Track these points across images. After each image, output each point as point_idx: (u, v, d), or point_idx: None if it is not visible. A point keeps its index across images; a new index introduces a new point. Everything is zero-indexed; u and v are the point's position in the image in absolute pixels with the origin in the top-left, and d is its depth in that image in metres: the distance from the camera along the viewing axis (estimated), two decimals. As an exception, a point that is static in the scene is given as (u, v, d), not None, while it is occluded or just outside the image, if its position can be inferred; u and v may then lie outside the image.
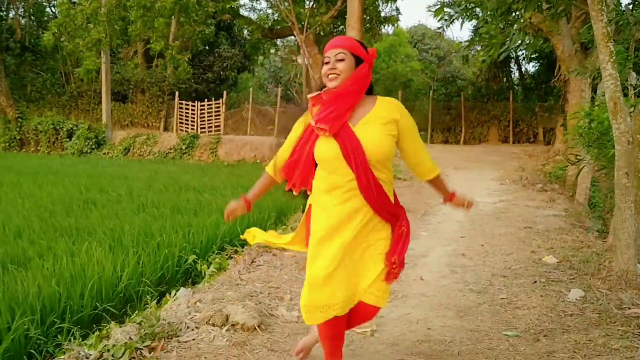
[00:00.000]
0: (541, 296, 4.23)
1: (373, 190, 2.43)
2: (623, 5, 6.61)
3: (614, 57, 4.29)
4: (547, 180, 10.65)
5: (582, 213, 7.65)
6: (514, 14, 8.12)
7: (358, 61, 2.46)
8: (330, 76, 2.43)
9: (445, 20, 11.05)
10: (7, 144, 23.77)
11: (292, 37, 21.83)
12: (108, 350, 3.05)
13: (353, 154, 2.38)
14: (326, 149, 2.43)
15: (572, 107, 9.32)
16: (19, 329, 3.89)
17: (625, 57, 5.15)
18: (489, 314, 3.92)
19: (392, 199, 2.56)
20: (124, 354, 3.01)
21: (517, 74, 25.17)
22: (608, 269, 4.64)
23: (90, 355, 3.01)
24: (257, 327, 3.44)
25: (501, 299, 4.24)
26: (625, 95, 5.44)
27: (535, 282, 4.59)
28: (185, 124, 22.74)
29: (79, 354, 2.99)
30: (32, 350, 3.94)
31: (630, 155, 4.38)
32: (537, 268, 5.00)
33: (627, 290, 4.21)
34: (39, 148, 23.24)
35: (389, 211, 2.53)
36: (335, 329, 2.59)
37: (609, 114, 4.36)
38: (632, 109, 4.96)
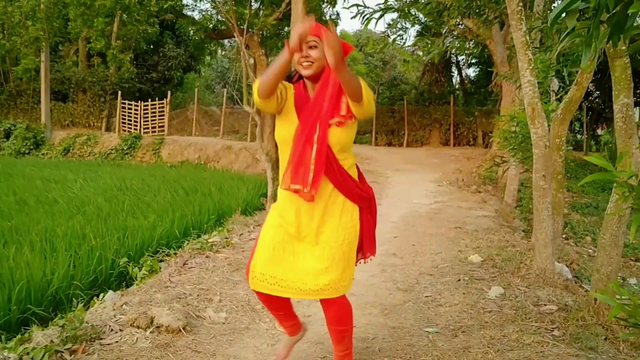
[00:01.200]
0: (463, 294, 4.40)
1: (337, 172, 2.51)
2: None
3: (532, 65, 4.50)
4: (482, 182, 10.99)
5: (510, 214, 7.95)
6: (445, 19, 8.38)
7: None
8: (304, 64, 2.46)
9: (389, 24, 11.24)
10: (-61, 144, 22.80)
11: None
12: (28, 354, 3.02)
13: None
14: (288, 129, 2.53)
15: (504, 112, 9.67)
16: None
17: (547, 64, 5.40)
18: (412, 312, 4.05)
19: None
20: (43, 356, 2.99)
21: (458, 79, 25.82)
22: (528, 267, 4.86)
23: (9, 358, 2.97)
24: (182, 329, 3.46)
25: (425, 296, 4.39)
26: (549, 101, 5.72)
27: (459, 280, 4.77)
28: (128, 124, 22.34)
29: (-3, 357, 2.95)
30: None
31: (548, 158, 4.61)
32: (462, 267, 5.19)
33: (544, 288, 4.42)
34: (-27, 148, 22.40)
35: (357, 193, 2.61)
36: (273, 305, 2.77)
37: (528, 119, 4.58)
38: (552, 114, 5.22)
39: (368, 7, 7.63)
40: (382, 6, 7.65)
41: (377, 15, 7.32)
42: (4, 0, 18.34)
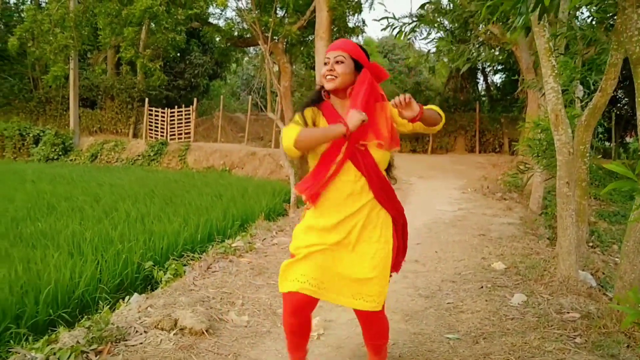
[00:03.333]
0: (486, 301, 4.38)
1: (382, 184, 2.55)
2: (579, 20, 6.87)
3: (556, 71, 4.48)
4: (507, 189, 10.91)
5: (534, 221, 7.88)
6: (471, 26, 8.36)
7: (357, 65, 2.50)
8: (328, 77, 2.48)
9: (410, 35, 11.28)
10: (-28, 150, 23.39)
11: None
12: (54, 354, 3.10)
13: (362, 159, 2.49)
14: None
15: (529, 119, 9.60)
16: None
17: (573, 68, 5.36)
18: (433, 318, 4.05)
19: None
20: (69, 356, 3.06)
21: (483, 85, 25.63)
22: (551, 275, 4.82)
23: (37, 358, 3.05)
24: (205, 332, 3.51)
25: (447, 303, 4.39)
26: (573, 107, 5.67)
27: (482, 287, 4.75)
28: (155, 130, 22.64)
29: (25, 356, 3.03)
30: (-19, 356, 3.95)
31: (572, 165, 4.58)
32: (485, 274, 5.17)
33: (568, 296, 4.38)
34: (4, 154, 22.88)
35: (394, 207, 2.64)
36: (300, 318, 2.64)
37: (551, 125, 4.55)
38: (576, 120, 5.18)
39: (398, 20, 7.68)
40: (411, 17, 7.70)
41: (407, 28, 7.35)
42: (34, 9, 18.74)
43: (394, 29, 7.59)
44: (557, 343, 3.45)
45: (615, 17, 3.79)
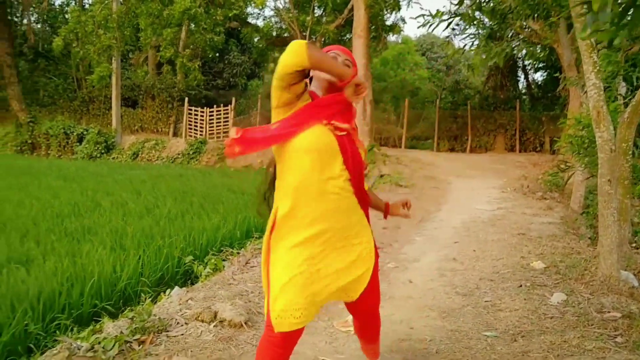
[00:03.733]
0: (524, 299, 4.34)
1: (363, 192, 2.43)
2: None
3: (598, 68, 4.41)
4: (548, 188, 10.72)
5: (576, 220, 7.73)
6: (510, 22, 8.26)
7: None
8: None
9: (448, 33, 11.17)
10: (19, 148, 24.16)
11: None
12: (99, 343, 3.21)
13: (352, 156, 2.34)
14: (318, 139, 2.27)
15: (571, 116, 9.40)
16: (19, 323, 4.06)
17: (616, 63, 5.25)
18: (471, 316, 4.04)
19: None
20: (114, 346, 3.16)
21: (524, 83, 25.21)
22: (592, 274, 4.75)
23: (82, 347, 3.16)
24: (244, 324, 3.59)
25: (485, 301, 4.36)
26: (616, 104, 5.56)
27: (521, 286, 4.71)
28: (194, 129, 22.98)
29: (71, 345, 3.15)
30: (31, 345, 4.10)
31: (613, 163, 4.49)
32: (524, 273, 5.11)
33: (609, 295, 4.31)
34: (49, 152, 23.59)
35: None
36: (291, 349, 2.39)
37: (593, 122, 4.48)
38: (618, 117, 5.08)
39: (434, 17, 7.67)
40: (449, 14, 7.68)
41: (444, 24, 7.33)
42: (78, 10, 19.28)
43: (431, 25, 7.57)
44: (597, 342, 3.41)
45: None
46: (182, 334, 3.44)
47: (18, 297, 4.55)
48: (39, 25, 27.60)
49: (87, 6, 24.86)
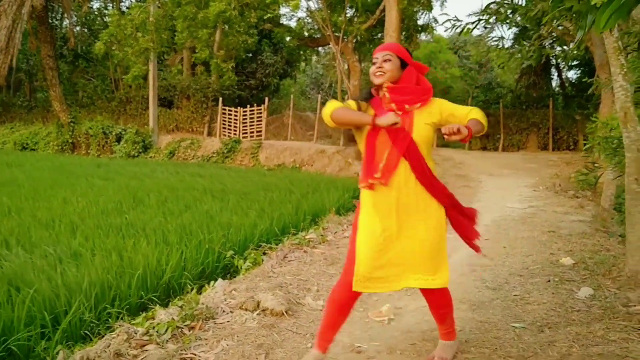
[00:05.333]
0: (552, 293, 4.50)
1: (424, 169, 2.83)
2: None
3: (625, 70, 4.54)
4: (580, 187, 10.74)
5: (606, 218, 7.80)
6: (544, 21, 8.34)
7: (403, 63, 2.87)
8: (377, 74, 2.85)
9: (486, 27, 11.28)
10: (60, 147, 24.93)
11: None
12: (153, 328, 3.51)
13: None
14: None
15: (602, 116, 9.45)
16: (75, 312, 4.39)
17: (641, 68, 5.37)
18: (500, 308, 4.22)
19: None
20: (166, 330, 3.46)
21: (557, 81, 25.00)
22: (620, 270, 4.88)
23: (138, 331, 3.46)
24: (284, 313, 3.85)
25: (514, 295, 4.54)
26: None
27: (549, 281, 4.86)
28: (228, 129, 23.41)
29: (129, 329, 3.45)
30: (86, 332, 4.42)
31: (641, 162, 4.62)
32: (553, 269, 5.26)
33: (636, 290, 4.44)
34: (89, 151, 24.31)
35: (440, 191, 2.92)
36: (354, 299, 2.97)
37: (620, 122, 4.62)
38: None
39: (461, 21, 7.83)
40: (482, 13, 7.81)
41: (471, 26, 7.49)
42: (117, 14, 19.89)
43: (458, 28, 7.73)
44: (622, 333, 3.56)
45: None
46: (228, 321, 3.72)
47: (72, 289, 4.88)
48: (77, 28, 28.37)
49: (124, 10, 25.47)
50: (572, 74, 24.49)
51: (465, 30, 7.54)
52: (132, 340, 3.31)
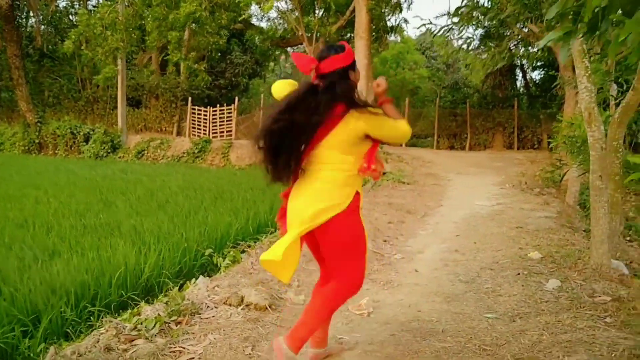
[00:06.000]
0: (522, 286, 4.72)
1: None
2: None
3: (589, 72, 4.78)
4: (545, 185, 11.10)
5: (571, 215, 8.12)
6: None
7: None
8: None
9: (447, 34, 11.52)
10: (27, 148, 24.50)
11: (302, 44, 22.53)
12: (141, 323, 3.59)
13: None
14: None
15: (566, 116, 9.81)
16: (55, 310, 4.44)
17: (603, 72, 5.63)
18: (473, 300, 4.42)
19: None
20: (155, 325, 3.54)
21: (522, 82, 25.59)
22: (585, 263, 5.13)
23: (127, 326, 3.54)
24: (268, 307, 3.96)
25: (486, 288, 4.74)
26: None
27: (519, 274, 5.08)
28: (198, 128, 23.34)
29: (117, 325, 3.52)
30: (68, 330, 4.46)
31: (604, 160, 4.88)
32: (521, 262, 5.49)
33: (600, 281, 4.69)
34: (57, 151, 23.93)
35: None
36: None
37: (585, 122, 4.86)
38: (609, 118, 5.46)
39: (436, 25, 8.06)
40: (449, 16, 8.02)
41: (442, 30, 7.69)
42: (87, 13, 19.66)
43: (432, 32, 7.96)
44: (588, 322, 3.77)
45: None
46: (214, 316, 3.82)
47: (52, 287, 4.92)
48: (43, 27, 27.90)
49: (91, 8, 25.16)
50: (536, 75, 25.12)
51: (440, 32, 7.75)
52: (121, 335, 3.39)
